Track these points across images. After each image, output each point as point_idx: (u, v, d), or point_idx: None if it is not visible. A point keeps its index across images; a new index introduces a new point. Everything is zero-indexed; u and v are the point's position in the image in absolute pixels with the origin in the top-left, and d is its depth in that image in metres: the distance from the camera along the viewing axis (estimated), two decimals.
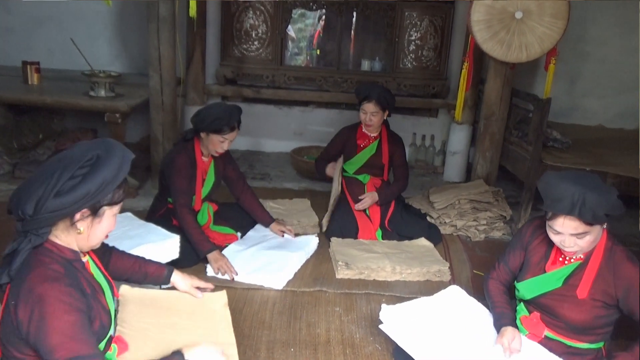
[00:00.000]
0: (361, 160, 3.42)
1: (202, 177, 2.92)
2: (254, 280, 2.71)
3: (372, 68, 4.88)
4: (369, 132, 3.38)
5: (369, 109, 3.25)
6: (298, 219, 3.38)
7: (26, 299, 1.35)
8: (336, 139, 3.49)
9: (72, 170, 1.40)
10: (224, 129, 2.75)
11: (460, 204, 3.56)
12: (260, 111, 5.02)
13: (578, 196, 1.75)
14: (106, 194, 1.45)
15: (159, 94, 3.63)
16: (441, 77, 4.77)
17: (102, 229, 1.51)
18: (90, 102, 3.61)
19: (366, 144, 3.41)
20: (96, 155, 1.43)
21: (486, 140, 3.89)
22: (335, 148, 3.48)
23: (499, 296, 2.10)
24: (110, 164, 1.43)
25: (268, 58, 4.75)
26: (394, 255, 2.98)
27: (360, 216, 3.28)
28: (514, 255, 2.11)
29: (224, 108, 2.78)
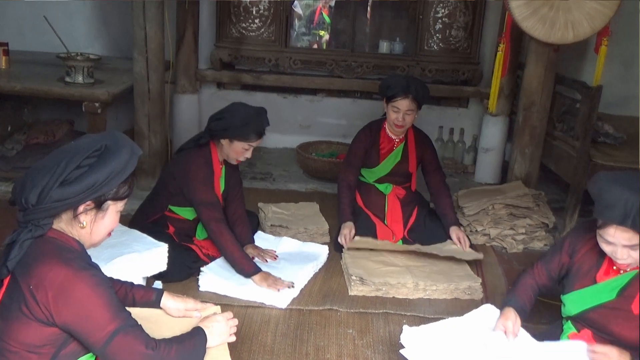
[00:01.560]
0: (384, 170, 3.38)
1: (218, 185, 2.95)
2: (253, 296, 2.72)
3: (391, 50, 4.88)
4: (395, 135, 3.33)
5: (404, 107, 3.16)
6: (305, 226, 3.40)
7: (48, 285, 1.48)
8: (356, 146, 3.36)
9: (79, 160, 1.53)
10: (252, 136, 2.76)
11: (495, 209, 3.55)
12: (262, 100, 5.04)
13: (632, 204, 1.74)
14: (112, 187, 1.59)
15: (145, 81, 3.66)
16: (472, 61, 4.76)
17: (106, 225, 1.65)
18: (66, 89, 3.65)
19: (390, 149, 3.36)
20: (104, 145, 1.57)
21: (525, 134, 3.87)
22: (359, 158, 3.35)
23: (522, 286, 2.19)
24: (119, 156, 1.57)
25: (270, 38, 4.77)
26: (416, 268, 2.98)
27: (381, 227, 3.28)
28: (554, 258, 2.15)
29: (252, 112, 2.79)
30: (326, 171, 4.32)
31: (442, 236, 3.24)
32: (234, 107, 2.85)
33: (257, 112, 2.80)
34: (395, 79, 3.23)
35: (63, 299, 1.49)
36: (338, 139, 4.88)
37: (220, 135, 2.80)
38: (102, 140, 1.58)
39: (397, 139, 3.34)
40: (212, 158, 2.89)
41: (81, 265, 1.55)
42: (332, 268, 3.08)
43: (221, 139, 2.82)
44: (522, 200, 3.59)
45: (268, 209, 3.55)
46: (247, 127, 2.74)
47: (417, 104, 3.18)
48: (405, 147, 3.36)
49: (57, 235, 1.59)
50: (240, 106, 2.85)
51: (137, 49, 3.61)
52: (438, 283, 2.87)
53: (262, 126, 2.78)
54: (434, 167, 3.38)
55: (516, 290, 2.22)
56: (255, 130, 2.76)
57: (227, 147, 2.82)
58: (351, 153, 3.37)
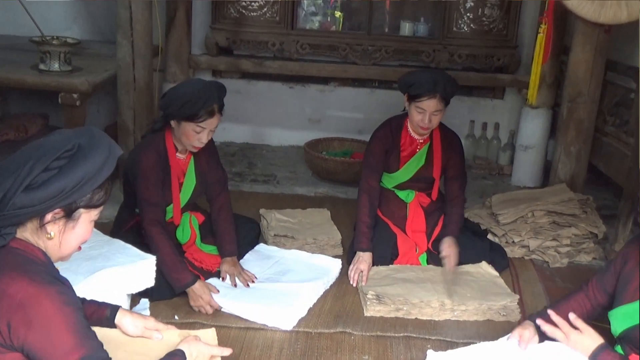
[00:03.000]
0: (405, 176, 3.37)
1: (179, 180, 2.96)
2: (254, 316, 2.73)
3: (415, 32, 4.89)
4: (419, 135, 3.31)
5: (431, 108, 3.12)
6: (314, 236, 3.41)
7: (7, 301, 1.48)
8: (375, 146, 3.33)
9: (47, 161, 1.52)
10: (200, 113, 2.74)
11: (535, 217, 3.54)
12: (264, 90, 5.06)
13: None
14: (84, 193, 1.57)
15: (130, 68, 3.69)
16: (509, 45, 4.76)
17: (76, 236, 1.64)
18: (40, 78, 3.68)
19: (412, 152, 3.34)
20: (77, 145, 1.55)
21: (570, 130, 3.86)
22: (380, 161, 3.32)
23: (564, 302, 2.26)
24: (93, 157, 1.55)
25: (275, 19, 4.80)
26: (442, 286, 2.97)
27: (402, 238, 3.28)
28: (609, 269, 2.17)
29: (200, 85, 2.80)
30: (339, 173, 4.33)
31: (473, 250, 3.24)
32: (184, 81, 2.86)
33: (205, 86, 2.78)
34: (420, 76, 3.16)
35: (23, 317, 1.47)
36: (353, 135, 4.89)
37: (168, 116, 2.80)
38: (75, 139, 1.57)
39: (420, 140, 3.32)
40: (165, 146, 2.88)
41: (47, 279, 1.53)
42: (345, 284, 3.08)
43: (171, 121, 2.81)
44: (567, 206, 3.57)
45: (271, 217, 3.57)
46: (192, 104, 2.71)
47: (445, 103, 3.16)
48: (430, 149, 3.33)
49: (20, 245, 1.58)
50: (190, 80, 2.86)
51: (121, 31, 3.64)
52: (468, 302, 2.86)
53: (212, 101, 2.74)
54: (457, 172, 3.35)
55: (555, 305, 2.26)
56: (203, 107, 2.72)
57: (177, 130, 2.81)
58: (370, 155, 3.34)
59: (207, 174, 3.06)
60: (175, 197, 2.93)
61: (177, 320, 2.70)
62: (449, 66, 4.71)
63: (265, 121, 5.11)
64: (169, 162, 2.89)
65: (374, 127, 3.45)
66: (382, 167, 3.34)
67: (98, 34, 4.89)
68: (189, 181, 2.99)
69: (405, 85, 3.17)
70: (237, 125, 5.00)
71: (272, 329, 2.70)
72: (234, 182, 4.28)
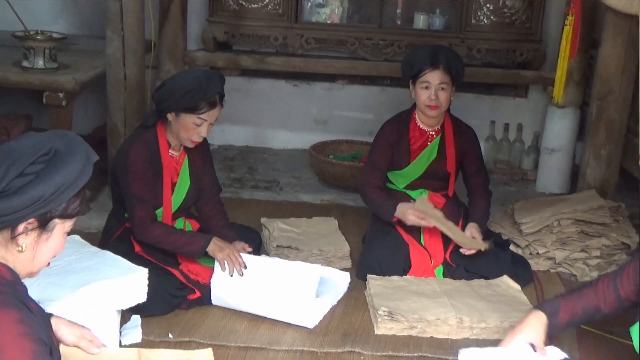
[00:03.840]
0: (417, 171, 3.39)
1: (172, 181, 2.98)
2: (273, 312, 2.82)
3: (429, 25, 4.90)
4: (429, 125, 3.35)
5: (435, 79, 3.19)
6: (320, 247, 3.42)
7: None
8: (380, 142, 3.39)
9: (22, 166, 1.50)
10: (201, 104, 2.77)
11: (562, 226, 3.53)
12: (266, 89, 5.08)
13: None
14: (62, 201, 1.56)
15: (120, 65, 3.71)
16: (533, 39, 4.75)
17: (50, 249, 1.62)
18: (23, 76, 3.71)
19: (423, 144, 3.37)
20: (54, 149, 1.53)
21: (600, 131, 3.85)
22: (384, 157, 3.38)
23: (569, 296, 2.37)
24: (72, 163, 1.54)
25: (277, 12, 4.81)
26: (461, 301, 2.97)
27: (415, 248, 3.29)
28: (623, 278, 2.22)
29: (199, 75, 2.83)
30: (347, 178, 4.34)
31: (494, 262, 3.24)
32: (181, 71, 2.91)
33: (206, 75, 2.83)
34: (418, 51, 3.29)
35: None
36: (362, 137, 4.90)
37: (165, 109, 2.83)
38: (51, 142, 1.55)
39: (431, 131, 3.36)
40: (157, 142, 2.91)
41: (9, 302, 1.49)
42: (354, 300, 3.09)
43: (167, 114, 2.84)
44: (597, 214, 3.56)
45: (273, 226, 3.58)
46: (193, 94, 2.74)
47: (450, 76, 3.22)
48: (442, 140, 3.37)
49: None
50: (188, 70, 2.92)
51: (111, 25, 3.66)
52: (488, 319, 2.86)
53: (213, 91, 2.78)
54: (477, 167, 3.40)
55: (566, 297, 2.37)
56: (204, 98, 2.76)
57: (175, 124, 2.84)
58: (374, 151, 3.39)
59: (201, 176, 3.08)
60: (166, 198, 2.95)
61: (172, 338, 2.72)
62: (467, 62, 4.67)
63: (267, 122, 5.12)
64: (160, 158, 2.91)
65: None
66: (386, 165, 3.38)
67: (86, 28, 4.91)
68: (182, 182, 3.01)
69: (407, 65, 3.26)
70: (236, 126, 5.01)
71: (272, 348, 2.70)
72: (233, 189, 4.30)
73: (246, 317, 2.90)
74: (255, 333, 2.81)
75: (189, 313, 2.90)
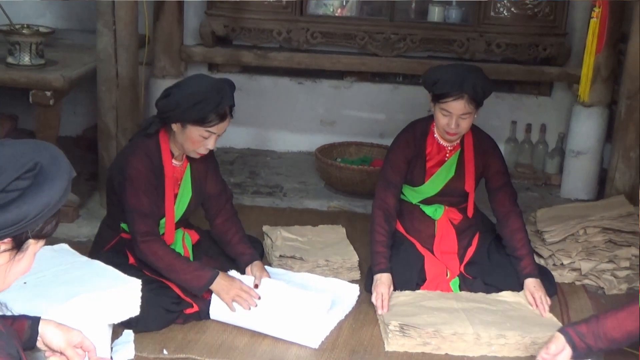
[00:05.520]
0: (432, 190, 3.37)
1: (174, 191, 3.00)
2: (275, 330, 2.83)
3: (445, 18, 4.91)
4: (447, 141, 3.33)
5: (457, 110, 3.11)
6: (327, 257, 3.43)
7: None
8: (395, 156, 3.35)
9: (5, 181, 1.46)
10: (210, 117, 2.79)
11: (588, 235, 3.53)
12: (268, 87, 5.10)
13: None
14: (39, 223, 1.52)
15: (112, 61, 3.74)
16: (557, 32, 4.76)
17: (20, 269, 1.59)
18: (8, 73, 3.73)
19: (440, 161, 3.34)
20: (39, 165, 1.51)
21: (630, 132, 3.87)
22: (400, 173, 3.33)
23: None
24: (57, 181, 1.51)
25: (281, 4, 4.83)
26: (478, 315, 2.98)
27: (431, 259, 3.29)
28: None
29: (209, 84, 2.84)
30: (355, 183, 4.35)
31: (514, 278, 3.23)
32: (187, 80, 2.92)
33: (217, 85, 2.83)
34: (445, 72, 3.16)
35: None
36: (372, 139, 4.92)
37: (170, 119, 2.84)
38: (34, 155, 1.51)
39: (450, 147, 3.32)
40: (160, 151, 2.93)
41: None
42: (364, 313, 3.10)
43: (172, 124, 2.86)
44: (626, 222, 3.56)
45: (276, 235, 3.59)
46: (202, 105, 2.75)
47: (475, 104, 3.14)
48: (461, 158, 3.33)
49: None
50: (194, 79, 2.91)
51: (102, 19, 3.68)
52: (508, 334, 2.86)
53: (224, 103, 2.79)
54: (502, 182, 3.34)
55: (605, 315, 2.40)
56: (215, 110, 2.77)
57: (181, 135, 2.85)
58: (389, 165, 3.35)
59: (205, 184, 3.10)
60: (169, 210, 2.97)
61: (167, 355, 2.74)
62: (485, 57, 4.72)
63: (270, 123, 5.14)
64: (163, 169, 2.94)
65: (398, 129, 3.48)
66: (401, 181, 3.34)
67: (75, 21, 4.94)
68: (184, 192, 3.04)
69: (429, 83, 3.18)
70: (236, 128, 4.95)
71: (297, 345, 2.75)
72: (234, 195, 4.30)
73: (247, 333, 2.91)
74: (256, 350, 2.83)
75: (185, 328, 2.92)
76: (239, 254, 3.12)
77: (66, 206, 3.77)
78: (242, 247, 3.14)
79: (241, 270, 3.08)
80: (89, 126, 4.83)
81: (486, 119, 3.67)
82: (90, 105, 4.62)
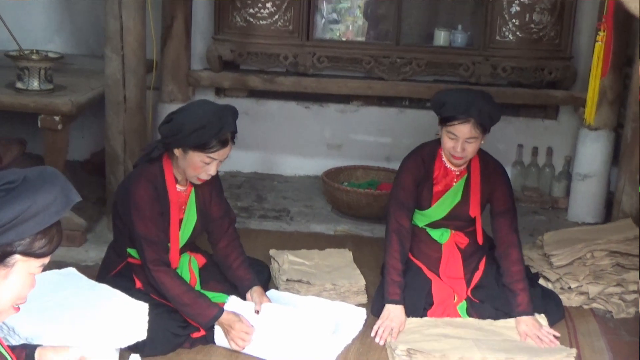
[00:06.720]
0: (438, 214, 3.38)
1: (179, 216, 3.02)
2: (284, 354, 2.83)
3: (451, 42, 4.94)
4: (454, 166, 3.36)
5: (463, 134, 3.13)
6: (333, 281, 3.44)
7: None
8: (405, 178, 3.36)
9: None
10: (211, 143, 2.80)
11: (595, 258, 3.53)
12: (275, 111, 5.12)
13: None
14: (22, 235, 1.52)
15: (120, 86, 3.76)
16: (563, 56, 4.78)
17: (9, 287, 1.57)
18: (17, 98, 3.76)
19: (447, 186, 3.36)
20: (23, 177, 1.53)
21: (636, 155, 3.86)
22: (410, 194, 3.33)
23: None
24: (39, 193, 1.51)
25: (287, 28, 4.86)
26: (486, 340, 2.98)
27: (438, 283, 3.29)
28: None
29: (211, 110, 2.85)
30: (362, 207, 4.36)
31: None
32: (191, 104, 2.94)
33: (219, 111, 2.84)
34: (452, 96, 3.19)
35: None
36: (379, 162, 4.93)
37: (172, 144, 2.86)
38: (24, 172, 1.54)
39: (457, 171, 3.34)
40: (163, 176, 2.94)
41: None
42: (370, 338, 3.09)
43: (174, 149, 2.87)
44: (633, 245, 3.56)
45: (283, 259, 3.60)
46: (203, 131, 2.75)
47: (482, 129, 3.15)
48: (468, 183, 3.34)
49: None
50: (196, 104, 2.93)
51: (110, 44, 3.71)
52: (516, 358, 2.86)
53: (226, 129, 2.80)
54: (505, 206, 3.34)
55: None
56: (216, 136, 2.77)
57: (182, 160, 2.86)
58: (400, 187, 3.35)
59: (209, 208, 3.12)
60: (173, 235, 2.99)
61: None
62: (491, 81, 4.74)
63: (277, 147, 5.16)
64: (167, 195, 2.95)
65: (404, 153, 3.49)
66: (413, 203, 3.35)
67: (84, 47, 4.99)
68: (189, 217, 3.05)
69: (437, 105, 3.20)
70: (243, 152, 5.02)
71: None
72: (240, 219, 4.32)
73: (254, 358, 2.91)
74: None
75: (192, 352, 2.92)
76: (240, 279, 3.12)
77: (74, 230, 3.80)
78: (243, 272, 3.13)
79: (242, 295, 3.08)
80: (97, 150, 4.85)
81: (492, 143, 3.67)
82: (98, 130, 4.64)
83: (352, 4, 5.08)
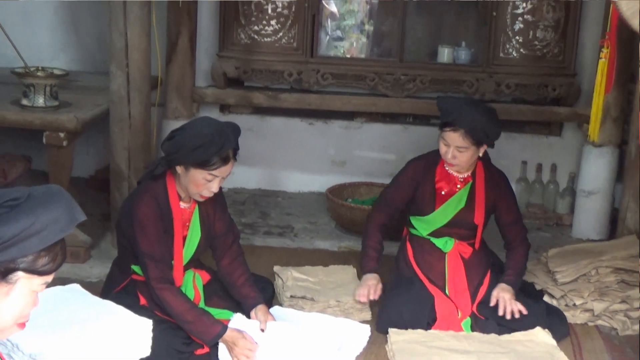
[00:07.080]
0: (442, 220, 3.42)
1: (182, 234, 3.03)
2: None
3: (455, 59, 4.95)
4: (456, 173, 3.39)
5: (453, 141, 3.20)
6: (337, 298, 3.44)
7: None
8: (403, 180, 3.45)
9: None
10: (213, 160, 2.81)
11: (600, 275, 3.53)
12: (279, 128, 5.13)
13: None
14: (25, 252, 1.51)
15: (125, 103, 3.78)
16: (566, 72, 4.79)
17: (11, 304, 1.56)
18: (22, 114, 3.78)
19: (451, 192, 3.40)
20: (28, 195, 1.53)
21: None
22: (401, 195, 3.44)
23: None
24: (43, 210, 1.51)
25: (292, 45, 4.88)
26: (490, 353, 2.98)
27: (441, 299, 3.30)
28: None
29: (212, 127, 2.87)
30: None
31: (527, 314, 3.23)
32: (193, 121, 2.96)
33: (220, 128, 2.86)
34: (450, 103, 3.27)
35: None
36: (383, 179, 4.91)
37: (174, 161, 2.87)
38: (29, 190, 1.54)
39: (461, 178, 3.37)
40: (167, 194, 2.95)
41: None
42: (374, 355, 3.10)
43: (177, 167, 2.89)
44: (638, 262, 3.55)
45: (287, 275, 3.61)
46: (204, 148, 2.77)
47: (472, 140, 3.19)
48: (472, 189, 3.39)
49: None
50: (198, 122, 2.96)
51: (115, 61, 3.74)
52: None
53: (227, 147, 2.82)
54: (513, 218, 3.40)
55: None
56: (217, 153, 2.79)
57: (184, 177, 2.87)
58: (393, 187, 3.48)
59: (213, 225, 3.12)
60: (177, 253, 3.00)
61: None
62: (495, 98, 4.75)
63: (281, 164, 5.17)
64: (171, 212, 2.96)
65: None
66: (401, 204, 3.46)
67: (89, 63, 5.01)
68: (193, 234, 3.05)
69: (438, 108, 3.29)
70: (247, 168, 5.04)
71: None
72: (244, 235, 4.32)
73: None
74: None
75: None
76: (244, 297, 3.12)
77: (78, 246, 3.81)
78: (247, 289, 3.13)
79: (246, 313, 3.08)
80: (102, 167, 4.87)
81: (496, 159, 3.68)
82: (102, 146, 4.66)
83: (356, 21, 5.10)
